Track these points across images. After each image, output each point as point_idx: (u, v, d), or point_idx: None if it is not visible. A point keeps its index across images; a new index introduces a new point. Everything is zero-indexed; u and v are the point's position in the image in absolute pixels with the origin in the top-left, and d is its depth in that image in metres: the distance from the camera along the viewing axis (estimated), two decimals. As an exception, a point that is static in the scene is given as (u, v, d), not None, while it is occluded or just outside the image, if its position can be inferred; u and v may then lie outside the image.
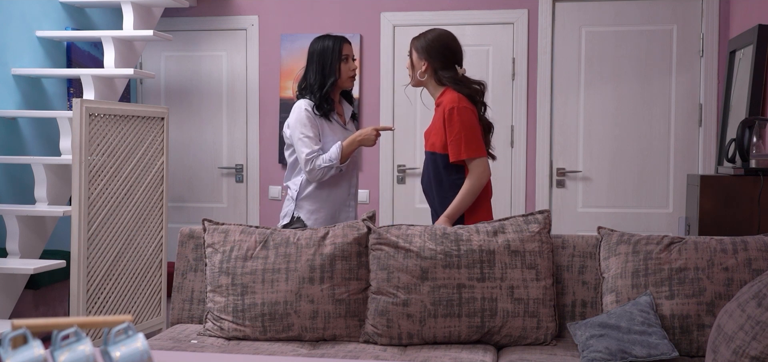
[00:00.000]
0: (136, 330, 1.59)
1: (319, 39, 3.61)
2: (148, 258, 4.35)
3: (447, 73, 3.33)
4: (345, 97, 3.73)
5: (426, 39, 3.36)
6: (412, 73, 3.43)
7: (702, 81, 5.26)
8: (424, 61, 3.35)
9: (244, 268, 2.89)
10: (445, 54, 3.34)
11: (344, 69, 3.58)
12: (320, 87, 3.54)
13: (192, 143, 6.00)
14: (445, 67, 3.33)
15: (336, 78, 3.56)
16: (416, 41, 3.39)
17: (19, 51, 4.54)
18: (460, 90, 3.31)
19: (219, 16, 5.87)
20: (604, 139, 5.41)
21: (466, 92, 3.31)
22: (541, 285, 2.81)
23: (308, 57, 3.61)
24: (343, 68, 3.57)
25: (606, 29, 5.40)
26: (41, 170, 4.25)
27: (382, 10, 5.64)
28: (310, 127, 3.51)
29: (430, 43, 3.35)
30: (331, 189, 3.61)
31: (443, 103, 3.30)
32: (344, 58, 3.58)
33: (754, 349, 2.03)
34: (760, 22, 4.33)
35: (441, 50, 3.34)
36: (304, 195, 3.59)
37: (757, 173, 3.65)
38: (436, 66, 3.34)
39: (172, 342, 2.80)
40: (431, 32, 3.39)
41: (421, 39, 3.38)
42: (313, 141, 3.50)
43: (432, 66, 3.34)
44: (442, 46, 3.34)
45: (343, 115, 3.70)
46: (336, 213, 3.63)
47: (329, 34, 3.66)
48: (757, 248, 2.67)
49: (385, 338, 2.83)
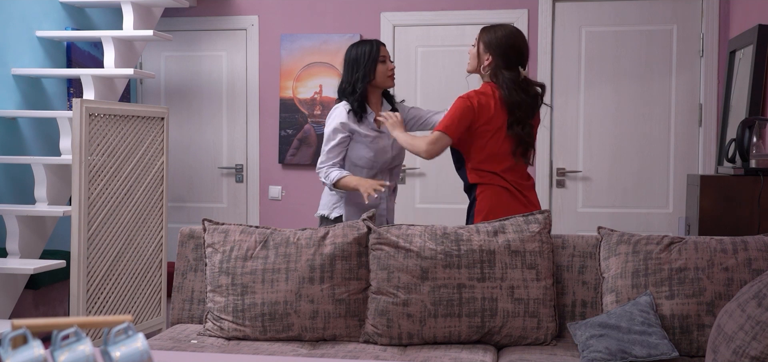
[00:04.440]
0: (136, 330, 1.59)
1: (354, 46, 3.68)
2: (148, 258, 4.35)
3: (508, 72, 3.30)
4: (386, 97, 3.77)
5: (495, 34, 3.34)
6: (475, 62, 3.41)
7: (702, 81, 5.26)
8: (490, 56, 3.34)
9: (244, 268, 2.89)
10: (510, 54, 3.32)
11: (381, 69, 3.62)
12: (353, 90, 3.61)
13: (192, 143, 6.00)
14: (508, 66, 3.31)
15: (370, 80, 3.61)
16: (485, 34, 3.37)
17: (19, 51, 4.54)
18: (510, 94, 3.27)
19: (219, 16, 5.87)
20: (604, 139, 5.41)
21: (513, 98, 3.27)
22: (541, 285, 2.81)
23: (344, 64, 3.70)
24: (380, 69, 3.62)
25: (606, 29, 5.40)
26: (41, 170, 4.25)
27: (382, 10, 5.64)
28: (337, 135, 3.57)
29: (499, 40, 3.32)
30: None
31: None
32: (382, 60, 3.63)
33: (754, 349, 2.03)
34: (760, 22, 4.33)
35: (507, 49, 3.31)
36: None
37: (757, 173, 3.65)
38: (499, 63, 3.32)
39: (172, 342, 2.80)
40: (501, 28, 3.36)
41: (491, 33, 3.35)
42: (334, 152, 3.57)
43: (495, 62, 3.33)
44: (509, 45, 3.32)
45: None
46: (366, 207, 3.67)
47: (365, 39, 3.73)
48: (757, 248, 2.67)
49: (385, 338, 2.83)
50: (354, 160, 3.61)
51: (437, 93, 5.62)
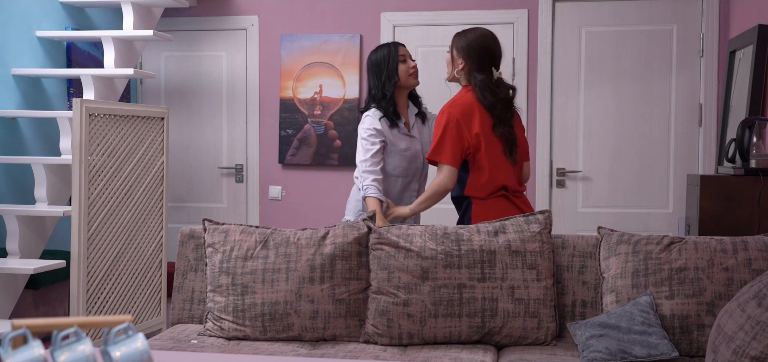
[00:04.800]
0: (136, 330, 1.59)
1: (373, 52, 3.69)
2: (148, 258, 4.35)
3: (480, 75, 3.34)
4: (412, 99, 3.76)
5: (466, 39, 3.38)
6: (450, 68, 3.46)
7: (702, 81, 5.26)
8: (462, 60, 3.37)
9: (244, 268, 2.89)
10: (482, 56, 3.35)
11: (403, 69, 3.62)
12: (383, 95, 3.61)
13: (192, 143, 6.00)
14: (481, 69, 3.35)
15: (396, 80, 3.60)
16: (457, 39, 3.40)
17: (19, 51, 4.54)
18: (482, 96, 3.31)
19: (219, 16, 5.87)
20: (604, 139, 5.41)
21: (486, 101, 3.31)
22: (541, 285, 2.81)
23: (367, 72, 3.70)
24: (401, 69, 3.62)
25: (606, 29, 5.40)
26: (41, 170, 4.25)
27: (382, 10, 5.64)
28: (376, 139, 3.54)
29: (469, 44, 3.36)
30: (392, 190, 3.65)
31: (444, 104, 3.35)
32: (402, 59, 3.63)
33: (754, 349, 2.03)
34: (760, 22, 4.33)
35: (479, 52, 3.35)
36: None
37: (757, 173, 3.65)
38: (472, 66, 3.36)
39: (172, 342, 2.80)
40: (472, 32, 3.40)
41: (462, 38, 3.39)
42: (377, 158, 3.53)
43: (468, 66, 3.36)
44: (480, 48, 3.35)
45: (408, 121, 3.71)
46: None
47: (382, 43, 3.73)
48: (757, 248, 2.67)
49: (385, 338, 2.83)
50: (388, 170, 3.60)
51: (437, 93, 5.61)
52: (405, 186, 3.66)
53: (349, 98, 5.67)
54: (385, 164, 3.59)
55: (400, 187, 3.65)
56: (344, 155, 5.66)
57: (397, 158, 3.60)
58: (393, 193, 3.64)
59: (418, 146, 3.67)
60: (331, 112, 5.69)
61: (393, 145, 3.59)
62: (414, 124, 3.72)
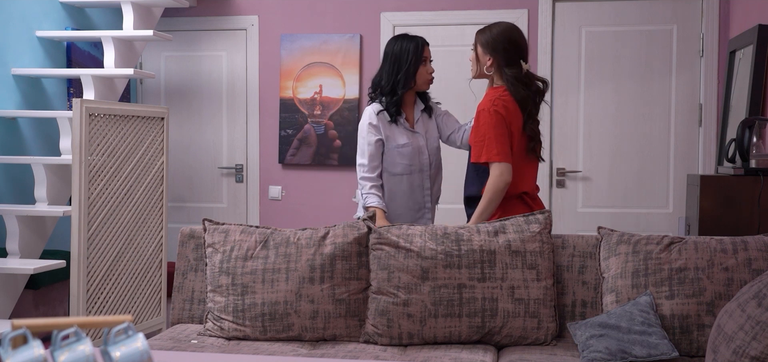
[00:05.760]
0: (136, 330, 1.59)
1: (397, 39, 3.52)
2: (148, 258, 4.35)
3: (511, 69, 3.24)
4: (421, 97, 3.63)
5: (491, 33, 3.27)
6: (476, 67, 3.34)
7: (702, 81, 5.26)
8: (490, 56, 3.27)
9: (244, 268, 2.89)
10: (509, 49, 3.25)
11: (422, 72, 3.50)
12: (392, 92, 3.49)
13: (192, 143, 6.00)
14: (510, 63, 3.24)
15: (411, 85, 3.49)
16: (481, 35, 3.30)
17: (19, 51, 4.54)
18: (516, 90, 3.21)
19: (219, 16, 5.87)
20: (604, 139, 5.41)
21: (520, 95, 3.21)
22: (541, 285, 2.81)
23: (383, 56, 3.53)
24: (421, 71, 3.50)
25: (606, 29, 5.40)
26: (41, 170, 4.25)
27: (382, 10, 5.64)
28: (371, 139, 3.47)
29: (495, 38, 3.26)
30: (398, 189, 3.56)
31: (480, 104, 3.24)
32: (423, 61, 3.50)
33: (754, 349, 2.03)
34: (760, 22, 4.33)
35: (505, 45, 3.25)
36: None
37: (757, 173, 3.65)
38: (500, 61, 3.25)
39: (172, 342, 2.80)
40: (496, 26, 3.29)
41: (487, 33, 3.29)
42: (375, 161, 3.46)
43: (497, 61, 3.26)
44: (507, 41, 3.25)
45: (412, 117, 3.59)
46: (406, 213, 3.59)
47: (407, 34, 3.56)
48: (757, 248, 2.67)
49: (385, 338, 2.83)
50: (390, 168, 3.52)
51: (437, 93, 5.60)
52: (412, 186, 3.55)
53: (349, 98, 5.67)
54: (386, 165, 3.53)
55: (407, 186, 3.54)
56: (344, 155, 5.66)
57: (396, 156, 3.51)
58: (399, 193, 3.55)
59: (422, 142, 3.56)
60: (331, 112, 5.69)
61: (390, 141, 3.50)
62: (419, 118, 3.59)
